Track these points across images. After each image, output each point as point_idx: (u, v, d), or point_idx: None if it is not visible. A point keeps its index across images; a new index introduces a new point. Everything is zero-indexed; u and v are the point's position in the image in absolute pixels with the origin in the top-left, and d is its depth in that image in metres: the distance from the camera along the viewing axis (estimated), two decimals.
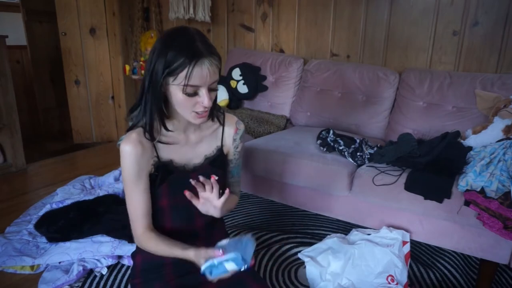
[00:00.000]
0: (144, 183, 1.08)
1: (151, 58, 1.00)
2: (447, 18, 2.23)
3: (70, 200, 2.12)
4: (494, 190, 1.44)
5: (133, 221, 1.11)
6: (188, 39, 0.98)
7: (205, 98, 1.00)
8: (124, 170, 1.06)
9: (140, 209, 1.09)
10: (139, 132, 1.06)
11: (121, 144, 1.05)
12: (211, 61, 0.98)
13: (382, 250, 1.55)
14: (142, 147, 1.05)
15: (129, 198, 1.09)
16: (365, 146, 1.89)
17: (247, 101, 2.74)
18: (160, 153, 1.10)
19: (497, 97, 1.90)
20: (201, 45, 0.98)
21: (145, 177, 1.08)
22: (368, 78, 2.32)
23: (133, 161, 1.04)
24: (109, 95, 3.57)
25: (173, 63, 0.96)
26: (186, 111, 1.03)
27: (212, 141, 1.19)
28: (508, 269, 1.81)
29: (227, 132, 1.21)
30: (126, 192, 1.10)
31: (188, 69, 0.95)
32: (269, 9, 2.81)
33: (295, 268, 1.74)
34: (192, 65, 0.95)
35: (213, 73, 0.99)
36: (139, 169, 1.06)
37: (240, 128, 1.23)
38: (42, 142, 3.71)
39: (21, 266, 1.70)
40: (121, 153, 1.05)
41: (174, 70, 0.97)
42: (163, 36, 1.02)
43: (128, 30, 3.47)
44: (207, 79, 0.98)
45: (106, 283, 1.64)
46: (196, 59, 0.96)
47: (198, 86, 0.98)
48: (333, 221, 2.17)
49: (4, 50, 2.62)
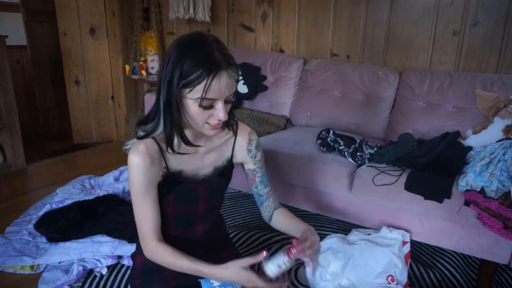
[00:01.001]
0: (153, 195, 1.04)
1: (166, 66, 0.94)
2: (447, 18, 2.23)
3: (70, 200, 2.12)
4: (494, 190, 1.44)
5: (144, 233, 1.06)
6: (206, 48, 0.92)
7: (221, 111, 0.95)
8: (133, 182, 1.02)
9: (150, 222, 1.05)
10: (148, 143, 1.01)
11: (129, 156, 1.01)
12: (229, 73, 0.92)
13: (382, 250, 1.55)
14: (151, 158, 1.00)
15: (139, 211, 1.04)
16: (365, 146, 1.89)
17: (247, 101, 2.74)
18: (169, 164, 1.06)
19: (497, 97, 1.90)
20: (219, 55, 0.92)
21: (154, 188, 1.04)
22: (368, 78, 2.32)
23: (142, 173, 1.00)
24: (109, 95, 3.57)
25: (190, 75, 0.90)
26: (200, 122, 0.97)
27: (223, 151, 1.15)
28: (508, 269, 1.81)
29: (239, 143, 1.17)
30: (134, 204, 1.05)
31: (207, 82, 0.90)
32: (269, 9, 2.81)
33: (295, 268, 1.74)
34: (211, 78, 0.90)
35: (231, 85, 0.94)
36: (148, 181, 1.02)
37: (253, 139, 1.19)
38: (42, 142, 3.71)
39: (21, 266, 1.70)
40: (129, 164, 1.01)
41: (191, 82, 0.91)
42: (179, 43, 0.95)
43: (128, 30, 3.47)
44: (225, 92, 0.93)
45: (106, 283, 1.64)
46: (215, 71, 0.90)
47: (215, 99, 0.94)
48: (333, 221, 2.17)
49: (4, 50, 2.62)
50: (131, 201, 1.05)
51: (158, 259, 1.06)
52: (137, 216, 1.06)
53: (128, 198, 2.23)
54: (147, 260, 1.15)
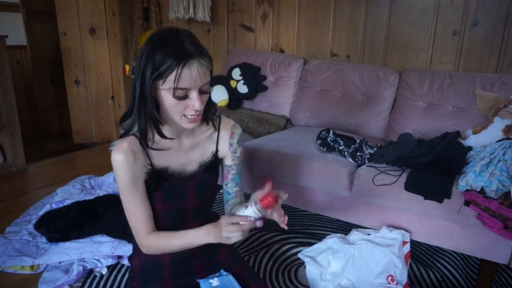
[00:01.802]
0: (141, 190, 1.05)
1: (139, 61, 0.96)
2: (447, 18, 2.23)
3: (70, 200, 2.12)
4: (494, 190, 1.44)
5: (136, 229, 1.07)
6: (176, 40, 0.94)
7: (196, 101, 0.96)
8: (119, 180, 1.02)
9: (141, 217, 1.05)
10: (130, 140, 1.02)
11: (112, 154, 1.02)
12: (200, 62, 0.93)
13: (382, 250, 1.55)
14: (134, 155, 1.01)
15: (128, 208, 1.05)
16: (365, 146, 1.89)
17: (247, 101, 2.74)
18: (153, 161, 1.06)
19: (497, 97, 1.90)
20: (189, 46, 0.93)
21: (141, 184, 1.05)
22: (368, 78, 2.32)
23: (126, 170, 1.00)
24: (109, 95, 3.57)
25: (161, 66, 0.92)
26: (177, 115, 0.99)
27: (207, 146, 1.15)
28: (508, 269, 1.81)
29: (222, 137, 1.17)
30: (124, 202, 1.05)
31: (177, 71, 0.91)
32: (269, 9, 2.81)
33: (295, 268, 1.74)
34: (181, 67, 0.91)
35: (203, 74, 0.95)
36: (133, 178, 1.02)
37: (236, 132, 1.18)
38: (42, 142, 3.71)
39: (21, 266, 1.70)
40: (113, 163, 1.01)
41: (163, 73, 0.93)
42: (151, 37, 0.97)
43: (128, 30, 3.48)
44: (197, 81, 0.94)
45: (106, 283, 1.64)
46: (185, 60, 0.91)
47: (188, 88, 0.95)
48: (333, 221, 2.17)
49: (4, 50, 2.62)
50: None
51: (155, 249, 1.07)
52: (128, 214, 1.07)
53: None
54: (144, 260, 1.15)
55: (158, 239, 1.07)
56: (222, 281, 1.11)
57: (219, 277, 1.13)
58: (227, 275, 1.15)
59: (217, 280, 1.12)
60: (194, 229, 1.05)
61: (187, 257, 1.16)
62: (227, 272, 1.17)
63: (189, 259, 1.17)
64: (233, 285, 1.10)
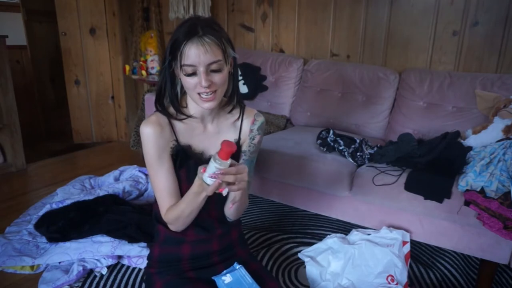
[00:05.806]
0: (167, 163, 1.09)
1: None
2: (447, 18, 2.23)
3: (70, 200, 2.11)
4: (494, 190, 1.44)
5: (160, 204, 1.11)
6: (191, 22, 1.00)
7: (201, 78, 0.99)
8: (146, 152, 1.08)
9: (165, 189, 1.09)
10: (158, 114, 1.09)
11: (141, 127, 1.08)
12: (203, 39, 0.97)
13: (382, 250, 1.55)
14: (161, 128, 1.07)
15: (154, 180, 1.10)
16: (365, 146, 1.89)
17: (247, 101, 2.73)
18: (179, 137, 1.11)
19: (497, 97, 1.90)
20: (200, 25, 0.99)
21: (167, 158, 1.09)
22: (368, 78, 2.32)
23: (153, 142, 1.06)
24: (109, 95, 3.57)
25: (173, 46, 0.99)
26: (193, 94, 1.04)
27: (230, 133, 1.18)
28: (508, 269, 1.81)
29: (245, 124, 1.20)
30: (150, 174, 1.11)
31: (182, 48, 0.97)
32: (269, 9, 2.81)
33: (295, 268, 1.75)
34: (184, 43, 0.97)
35: (209, 51, 0.97)
36: (160, 150, 1.07)
37: (258, 120, 1.21)
38: (42, 142, 3.71)
39: (21, 266, 1.70)
40: (141, 135, 1.08)
41: (174, 52, 1.00)
42: (176, 27, 1.04)
43: (128, 30, 3.47)
44: (201, 57, 0.97)
45: (106, 283, 1.64)
46: (188, 38, 0.97)
47: (194, 65, 0.98)
48: (333, 221, 2.17)
49: (4, 50, 2.62)
50: (148, 172, 1.12)
51: (174, 220, 1.09)
52: (154, 188, 1.12)
53: (128, 198, 2.23)
54: (165, 252, 1.18)
55: (172, 209, 1.09)
56: (234, 276, 1.14)
57: (232, 273, 1.16)
58: (239, 269, 1.17)
59: (230, 276, 1.14)
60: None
61: (206, 253, 1.19)
62: (240, 265, 1.18)
63: (208, 255, 1.20)
64: (245, 279, 1.13)
